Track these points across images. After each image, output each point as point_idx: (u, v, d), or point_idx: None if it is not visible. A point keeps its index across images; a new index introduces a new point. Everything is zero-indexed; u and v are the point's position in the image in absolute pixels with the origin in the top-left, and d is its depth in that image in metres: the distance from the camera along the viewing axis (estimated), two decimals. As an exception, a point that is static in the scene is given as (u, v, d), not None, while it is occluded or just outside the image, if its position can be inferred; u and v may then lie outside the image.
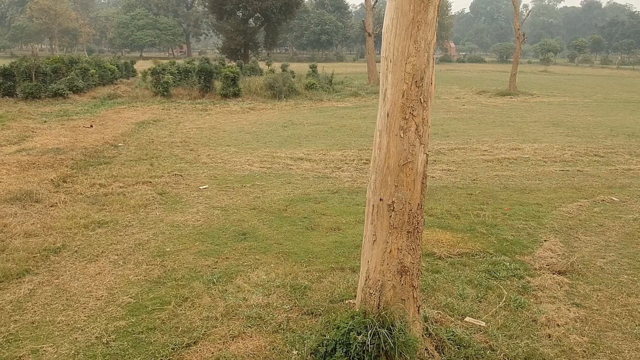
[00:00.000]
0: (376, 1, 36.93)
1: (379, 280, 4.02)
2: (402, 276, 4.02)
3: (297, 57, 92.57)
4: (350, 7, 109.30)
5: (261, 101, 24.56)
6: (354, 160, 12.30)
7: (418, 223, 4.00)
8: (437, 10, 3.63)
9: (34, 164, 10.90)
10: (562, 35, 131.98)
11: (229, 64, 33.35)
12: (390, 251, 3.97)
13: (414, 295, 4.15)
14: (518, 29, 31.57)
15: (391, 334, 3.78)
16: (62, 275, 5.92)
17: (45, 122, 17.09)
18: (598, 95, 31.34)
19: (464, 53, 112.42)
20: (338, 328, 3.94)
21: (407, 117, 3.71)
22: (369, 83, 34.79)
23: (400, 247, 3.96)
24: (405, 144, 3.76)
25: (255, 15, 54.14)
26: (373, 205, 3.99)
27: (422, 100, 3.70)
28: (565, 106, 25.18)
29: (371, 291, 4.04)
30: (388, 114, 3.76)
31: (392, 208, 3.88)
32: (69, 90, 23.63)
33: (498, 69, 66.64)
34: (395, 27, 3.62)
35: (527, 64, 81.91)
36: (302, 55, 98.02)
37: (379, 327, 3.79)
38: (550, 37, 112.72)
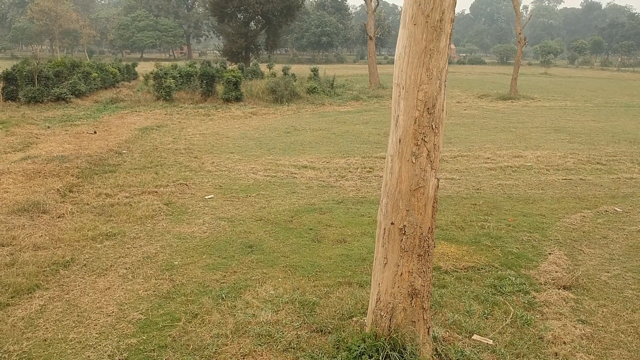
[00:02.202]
0: (377, 4, 36.98)
1: (390, 303, 4.07)
2: (412, 299, 4.07)
3: (297, 58, 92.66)
4: (351, 9, 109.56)
5: (263, 105, 24.62)
6: (357, 168, 12.35)
7: (429, 246, 4.05)
8: (449, 39, 3.68)
9: (39, 172, 10.95)
10: (562, 37, 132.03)
11: (230, 67, 33.39)
12: (401, 274, 4.02)
13: (424, 317, 4.20)
14: (519, 33, 31.66)
15: (402, 357, 3.83)
16: (72, 290, 5.97)
17: (48, 127, 17.16)
18: (599, 99, 31.40)
19: (464, 54, 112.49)
20: (349, 350, 3.99)
21: (419, 143, 3.76)
22: (370, 86, 34.85)
23: (411, 270, 4.02)
24: (417, 170, 3.81)
25: (256, 17, 54.20)
26: (384, 229, 4.04)
27: (433, 126, 3.76)
28: (567, 111, 25.24)
29: (382, 313, 4.09)
30: (400, 140, 3.81)
31: (403, 232, 3.93)
32: (72, 94, 23.70)
33: (499, 71, 66.74)
34: (407, 55, 3.67)
35: (527, 65, 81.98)
36: (302, 56, 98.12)
37: (391, 350, 3.84)
38: (550, 39, 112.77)
